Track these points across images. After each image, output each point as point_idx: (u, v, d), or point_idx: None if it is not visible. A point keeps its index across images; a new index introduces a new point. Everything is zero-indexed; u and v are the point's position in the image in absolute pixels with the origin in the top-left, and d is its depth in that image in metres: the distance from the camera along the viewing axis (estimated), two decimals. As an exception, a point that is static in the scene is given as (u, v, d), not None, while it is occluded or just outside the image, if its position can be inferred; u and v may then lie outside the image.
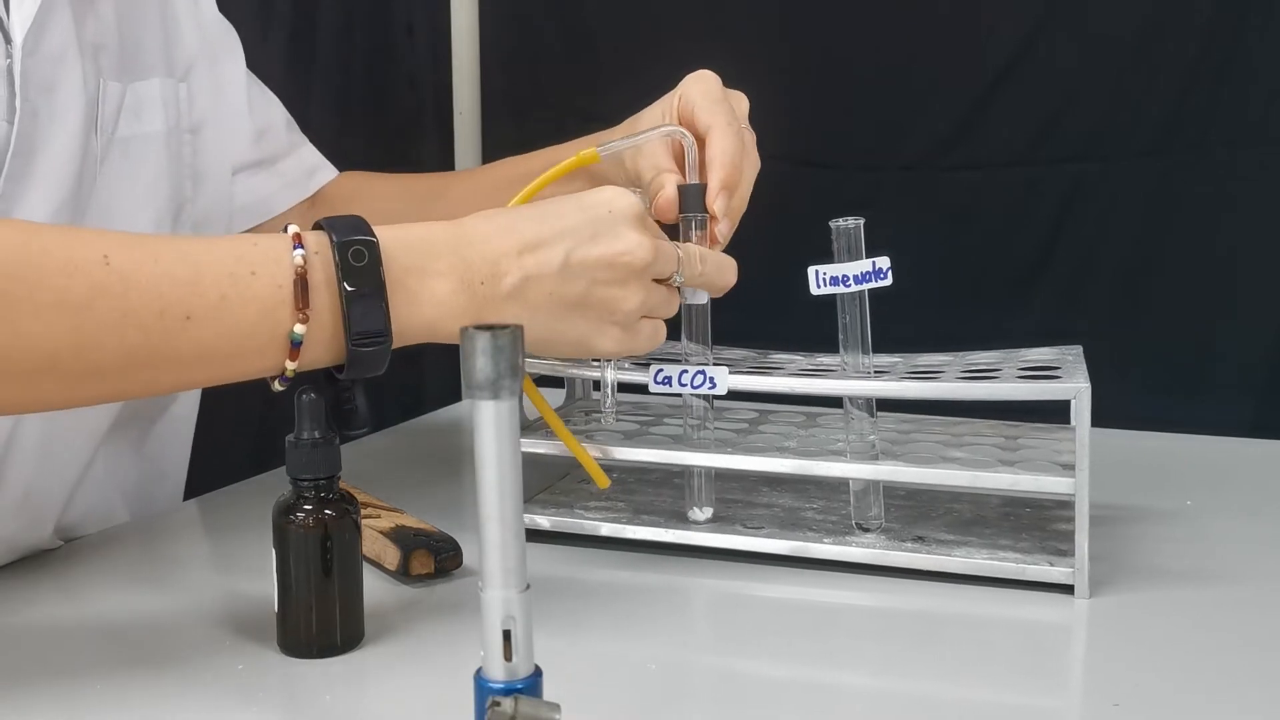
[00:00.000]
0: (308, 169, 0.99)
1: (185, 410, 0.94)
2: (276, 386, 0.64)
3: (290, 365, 0.63)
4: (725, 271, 0.76)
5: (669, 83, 0.82)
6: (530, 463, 0.47)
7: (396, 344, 0.65)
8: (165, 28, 0.86)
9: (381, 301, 0.63)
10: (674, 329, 0.81)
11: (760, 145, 0.80)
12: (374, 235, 0.64)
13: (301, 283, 0.62)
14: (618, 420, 0.87)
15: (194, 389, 0.64)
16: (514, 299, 0.67)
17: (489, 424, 0.45)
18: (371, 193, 1.00)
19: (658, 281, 0.72)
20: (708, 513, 0.81)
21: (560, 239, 0.68)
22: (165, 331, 0.60)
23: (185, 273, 0.61)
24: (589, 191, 0.71)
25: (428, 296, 0.65)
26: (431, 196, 0.99)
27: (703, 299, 0.78)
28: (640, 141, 0.79)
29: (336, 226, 0.64)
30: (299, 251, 0.62)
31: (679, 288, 0.74)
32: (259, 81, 0.97)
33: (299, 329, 0.62)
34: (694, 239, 0.76)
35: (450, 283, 0.65)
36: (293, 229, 0.64)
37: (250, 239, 0.64)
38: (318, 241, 0.64)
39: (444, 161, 1.42)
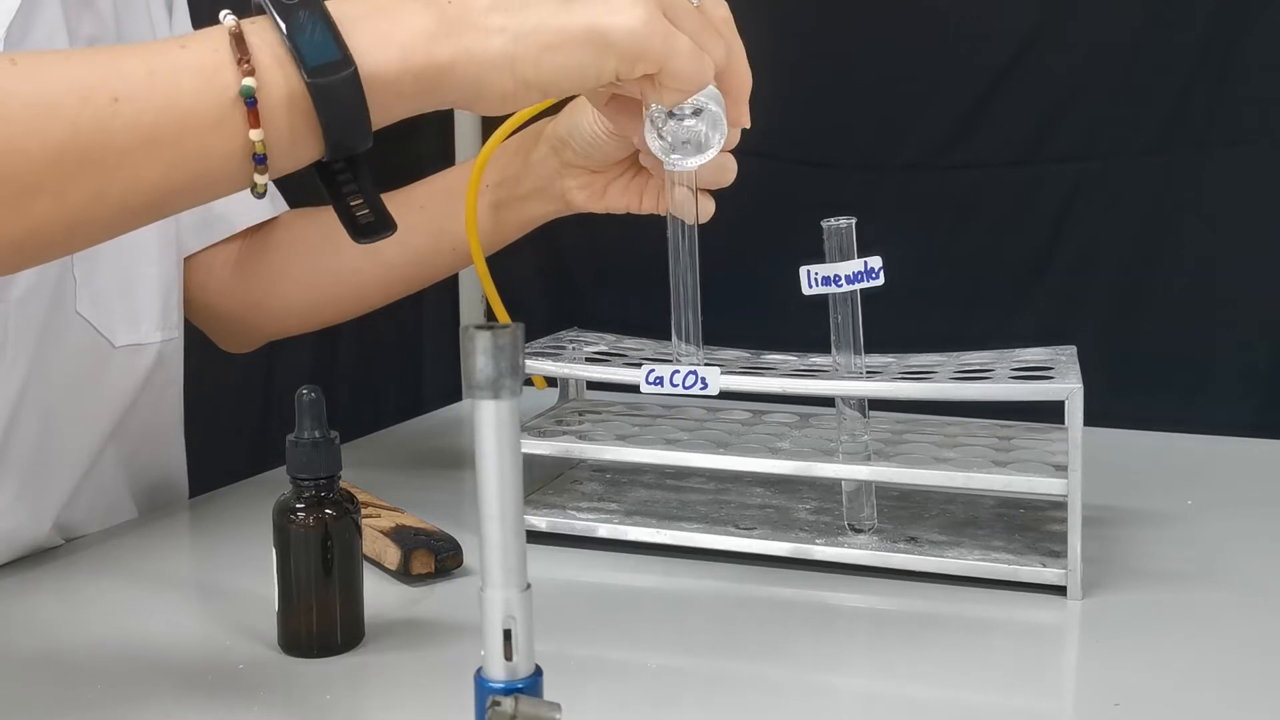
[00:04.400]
0: (271, 193, 0.96)
1: (172, 412, 0.93)
2: (257, 182, 0.58)
3: (255, 135, 0.56)
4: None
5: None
6: (523, 464, 0.47)
7: (368, 74, 0.57)
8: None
9: (324, 22, 0.56)
10: (665, 329, 0.81)
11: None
12: None
13: (238, 39, 0.56)
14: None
15: (155, 195, 0.57)
16: (496, 9, 0.59)
17: (489, 424, 0.45)
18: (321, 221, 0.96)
19: None
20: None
21: None
22: (93, 119, 0.54)
23: (103, 58, 0.56)
24: None
25: (388, 27, 0.58)
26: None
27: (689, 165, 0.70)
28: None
29: None
30: (229, 18, 0.57)
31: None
32: None
33: (248, 81, 0.55)
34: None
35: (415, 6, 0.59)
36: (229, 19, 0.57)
37: (177, 40, 0.58)
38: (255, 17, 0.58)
39: (444, 161, 1.42)
